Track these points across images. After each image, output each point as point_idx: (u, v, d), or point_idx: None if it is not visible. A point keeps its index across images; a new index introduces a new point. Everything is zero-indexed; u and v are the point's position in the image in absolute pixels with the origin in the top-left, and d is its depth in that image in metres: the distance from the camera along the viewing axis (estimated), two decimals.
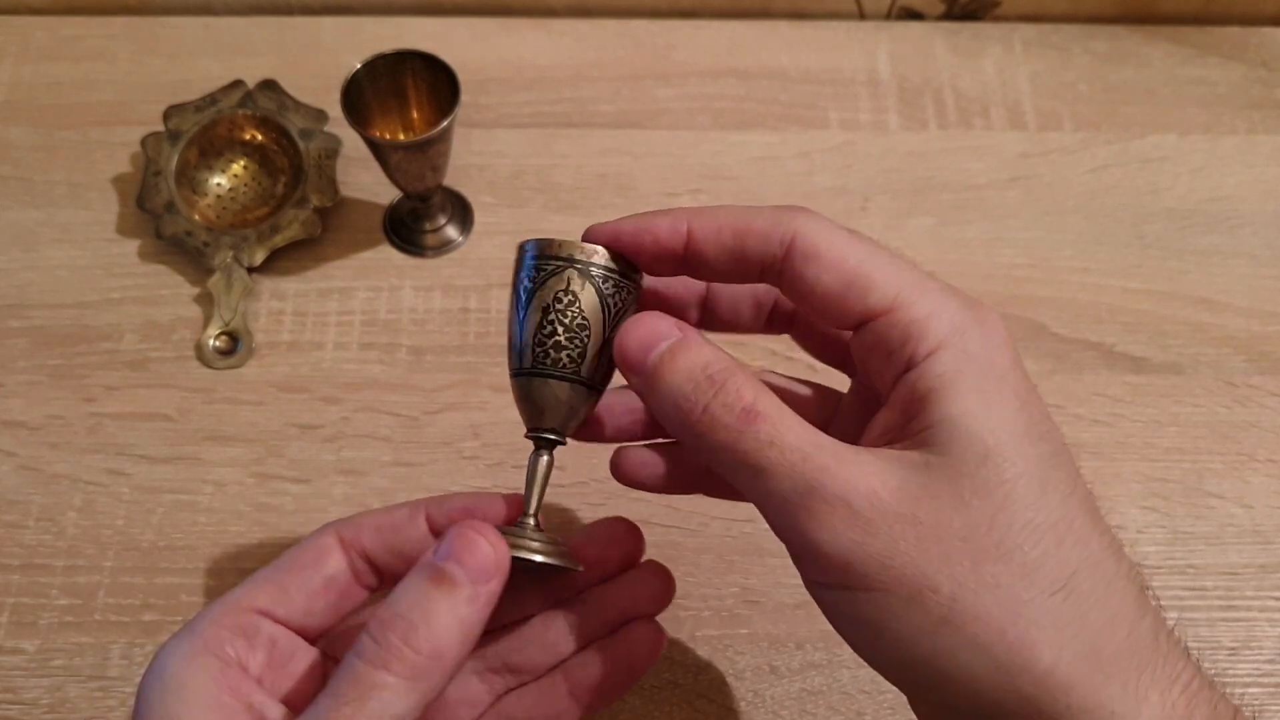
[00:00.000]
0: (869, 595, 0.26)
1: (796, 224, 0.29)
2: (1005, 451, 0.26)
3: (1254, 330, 0.54)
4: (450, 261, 0.55)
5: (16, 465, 0.49)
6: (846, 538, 0.26)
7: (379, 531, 0.34)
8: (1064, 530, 0.26)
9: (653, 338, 0.29)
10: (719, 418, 0.27)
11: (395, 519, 0.34)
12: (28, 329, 0.52)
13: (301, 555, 0.34)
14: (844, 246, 0.29)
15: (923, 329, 0.28)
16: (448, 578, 0.28)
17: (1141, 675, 0.25)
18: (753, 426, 0.27)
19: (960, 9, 0.65)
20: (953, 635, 0.25)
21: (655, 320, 0.30)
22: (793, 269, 0.29)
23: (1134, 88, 0.62)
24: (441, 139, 0.48)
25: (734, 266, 0.30)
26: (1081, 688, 0.25)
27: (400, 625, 0.27)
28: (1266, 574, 0.47)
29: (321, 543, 0.34)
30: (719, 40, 0.63)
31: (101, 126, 0.58)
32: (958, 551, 0.25)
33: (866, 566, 0.26)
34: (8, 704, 0.43)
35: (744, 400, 0.27)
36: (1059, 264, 0.56)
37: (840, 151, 0.59)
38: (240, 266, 0.52)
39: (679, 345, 0.29)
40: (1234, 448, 0.50)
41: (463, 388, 0.51)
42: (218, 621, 0.31)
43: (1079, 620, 0.25)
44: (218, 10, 0.64)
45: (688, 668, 0.44)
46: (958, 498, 0.26)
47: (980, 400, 0.27)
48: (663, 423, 0.29)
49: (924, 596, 0.25)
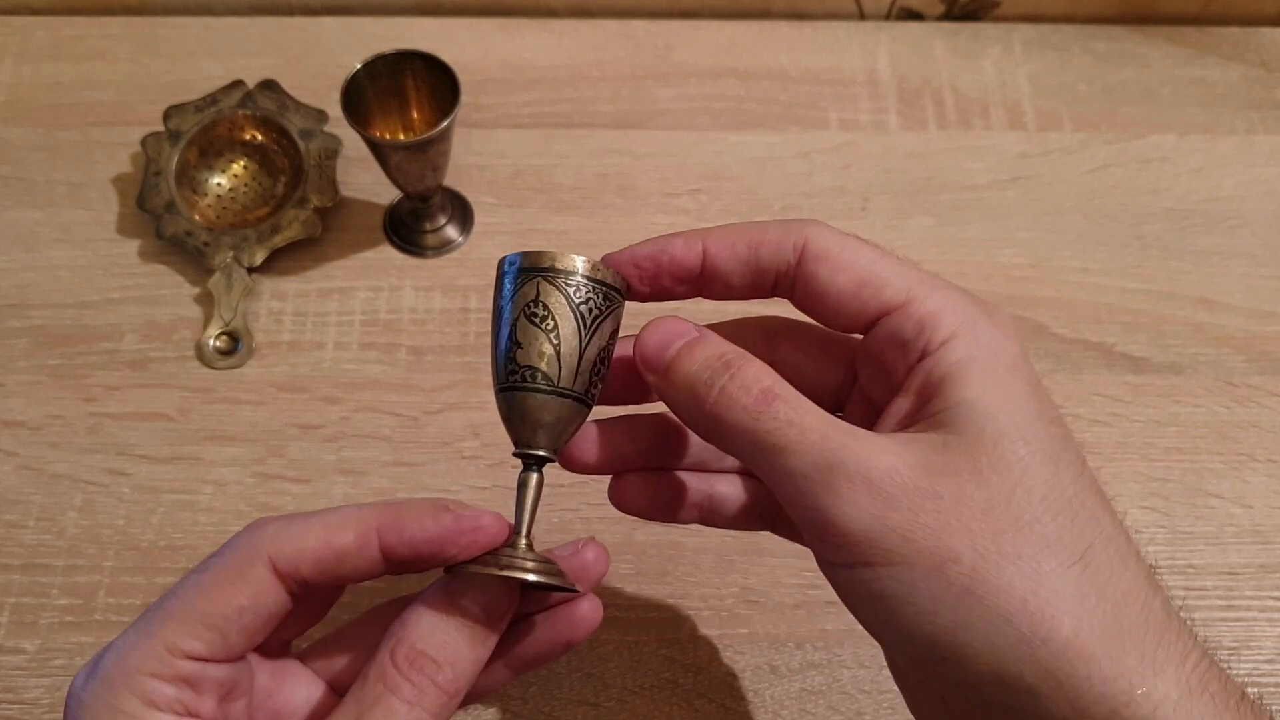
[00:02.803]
0: (890, 570, 0.26)
1: (807, 231, 0.30)
2: (1020, 430, 0.27)
3: (1253, 330, 0.54)
4: (450, 261, 0.55)
5: (17, 465, 0.49)
6: (869, 513, 0.26)
7: (320, 564, 0.29)
8: (1078, 506, 0.27)
9: (671, 336, 0.30)
10: (736, 398, 0.28)
11: (340, 546, 0.29)
12: (28, 329, 0.52)
13: (231, 589, 0.28)
14: (854, 250, 0.30)
15: (937, 319, 0.29)
16: (474, 620, 0.29)
17: (1157, 649, 0.26)
18: (771, 406, 0.27)
19: (960, 9, 0.65)
20: (975, 606, 0.25)
21: (674, 322, 0.30)
22: (806, 272, 0.30)
23: (1133, 88, 0.62)
24: (441, 139, 0.48)
25: (750, 279, 0.31)
26: (1101, 659, 0.25)
27: (429, 666, 0.28)
28: (1266, 574, 0.47)
29: (254, 574, 0.29)
30: (719, 40, 0.63)
31: (102, 126, 0.58)
32: (978, 524, 0.26)
33: (889, 540, 0.26)
34: (8, 704, 0.43)
35: (761, 382, 0.28)
36: (1059, 264, 0.56)
37: (840, 151, 0.59)
38: (240, 266, 0.52)
39: (696, 340, 0.30)
40: (1234, 448, 0.50)
41: (463, 388, 0.51)
42: (145, 673, 0.27)
43: (1097, 592, 0.26)
44: (218, 10, 0.64)
45: (688, 668, 0.45)
46: (976, 473, 0.26)
47: (995, 384, 0.28)
48: (680, 415, 0.30)
49: (946, 568, 0.25)
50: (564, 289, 0.29)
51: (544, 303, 0.29)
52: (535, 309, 0.29)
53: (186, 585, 0.29)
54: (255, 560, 0.29)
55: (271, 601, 0.29)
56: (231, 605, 0.28)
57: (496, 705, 0.44)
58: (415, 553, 0.29)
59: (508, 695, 0.44)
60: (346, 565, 0.29)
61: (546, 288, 0.29)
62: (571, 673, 0.44)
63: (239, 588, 0.28)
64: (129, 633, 0.28)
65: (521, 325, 0.30)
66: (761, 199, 0.57)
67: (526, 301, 0.30)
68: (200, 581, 0.28)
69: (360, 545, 0.29)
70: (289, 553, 0.29)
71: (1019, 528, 0.26)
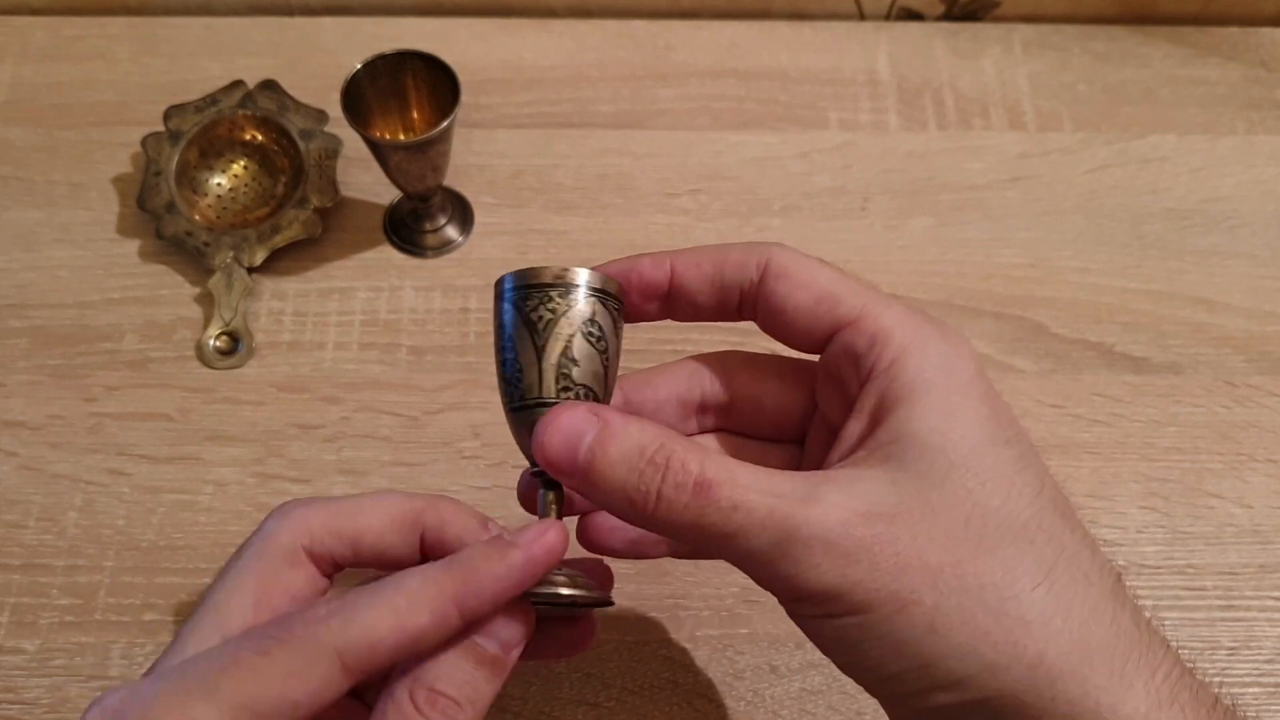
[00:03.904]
0: (855, 619, 0.26)
1: (770, 251, 0.31)
2: (969, 461, 0.27)
3: (1253, 330, 0.54)
4: (450, 261, 0.55)
5: (17, 465, 0.49)
6: (830, 572, 0.26)
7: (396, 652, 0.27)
8: (1035, 528, 0.27)
9: (573, 435, 0.27)
10: (675, 500, 0.27)
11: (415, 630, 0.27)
12: (28, 329, 0.52)
13: (293, 681, 0.26)
14: (814, 269, 0.31)
15: (889, 334, 0.29)
16: (498, 664, 0.29)
17: (1126, 664, 0.26)
18: (711, 497, 0.26)
19: (960, 9, 0.65)
20: (940, 642, 0.26)
21: (568, 416, 0.28)
22: (767, 289, 0.31)
23: (1133, 88, 0.62)
24: (441, 139, 0.48)
25: (715, 296, 0.32)
26: (1068, 678, 0.25)
27: (450, 707, 0.28)
28: (1265, 574, 0.47)
29: (320, 672, 0.26)
30: (719, 40, 0.63)
31: (102, 126, 0.58)
32: (936, 560, 0.26)
33: (852, 594, 0.26)
34: (8, 704, 0.43)
35: (692, 473, 0.27)
36: (1059, 264, 0.56)
37: (840, 151, 0.59)
38: (240, 266, 0.52)
39: (605, 434, 0.27)
40: (1233, 448, 0.50)
41: (463, 388, 0.51)
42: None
43: (1062, 613, 0.26)
44: (218, 10, 0.64)
45: (688, 668, 0.45)
46: (929, 510, 0.26)
47: (944, 411, 0.28)
48: (615, 515, 0.28)
49: (908, 610, 0.26)
50: (555, 303, 0.30)
51: (540, 319, 0.29)
52: (532, 327, 0.30)
53: (239, 661, 0.26)
54: (321, 657, 0.26)
55: (329, 694, 0.26)
56: (287, 700, 0.26)
57: (496, 705, 0.44)
58: (499, 603, 0.28)
59: (508, 695, 0.44)
60: (426, 644, 0.27)
61: (539, 305, 0.30)
62: (571, 673, 0.44)
63: (298, 681, 0.26)
64: (159, 686, 0.26)
65: (521, 345, 0.30)
66: (761, 199, 0.57)
67: (522, 320, 0.30)
68: (256, 666, 0.26)
69: (438, 623, 0.27)
70: (362, 645, 0.26)
71: (977, 557, 0.26)
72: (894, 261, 0.55)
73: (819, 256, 0.31)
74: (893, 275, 0.55)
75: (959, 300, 0.54)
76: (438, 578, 0.27)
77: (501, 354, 0.30)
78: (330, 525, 0.31)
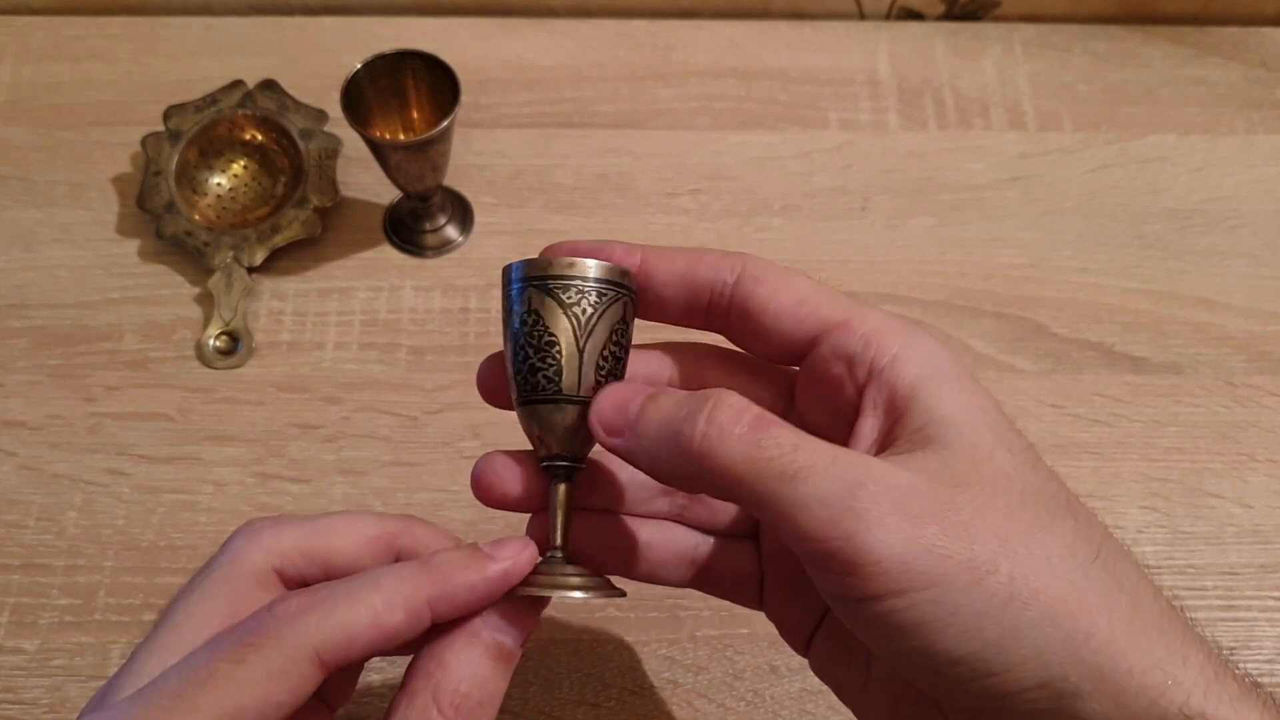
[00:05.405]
0: (927, 593, 0.24)
1: (745, 258, 0.31)
2: (1004, 440, 0.27)
3: (1253, 330, 0.54)
4: (450, 261, 0.55)
5: (17, 465, 0.49)
6: (900, 534, 0.24)
7: (370, 647, 0.27)
8: (1075, 506, 0.27)
9: (627, 396, 0.28)
10: (729, 428, 0.25)
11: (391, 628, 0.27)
12: (28, 329, 0.52)
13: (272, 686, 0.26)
14: (791, 275, 0.30)
15: (880, 337, 0.29)
16: (512, 659, 0.29)
17: (1177, 638, 0.26)
18: (770, 432, 0.25)
19: (960, 9, 0.65)
20: (1019, 613, 0.24)
21: (625, 386, 0.29)
22: (744, 291, 0.30)
23: (1134, 88, 0.62)
24: (441, 139, 0.48)
25: (685, 294, 0.31)
26: (1135, 652, 0.25)
27: (475, 709, 0.28)
28: (1266, 574, 0.47)
29: (299, 670, 0.26)
30: (719, 40, 0.63)
31: (101, 126, 0.58)
32: (1003, 531, 0.25)
33: (924, 561, 0.24)
34: (8, 704, 0.43)
35: (751, 409, 0.26)
36: (1058, 264, 0.56)
37: (840, 151, 0.59)
38: (240, 266, 0.52)
39: (656, 393, 0.28)
40: (1234, 448, 0.50)
41: (463, 388, 0.51)
42: None
43: (1118, 587, 0.26)
44: (218, 10, 0.64)
45: (688, 668, 0.45)
46: (984, 482, 0.26)
47: (965, 397, 0.28)
48: (657, 471, 0.28)
49: (985, 580, 0.24)
50: (554, 294, 0.29)
51: (535, 310, 0.29)
52: (528, 319, 0.29)
53: (216, 673, 0.26)
54: (300, 657, 0.26)
55: (307, 691, 0.27)
56: (269, 702, 0.26)
57: None
58: (468, 611, 0.28)
59: (508, 695, 0.43)
60: (396, 642, 0.28)
61: (536, 296, 0.29)
62: (571, 673, 0.44)
63: (279, 684, 0.26)
64: (135, 711, 0.26)
65: (528, 335, 0.29)
66: (761, 199, 0.57)
67: (520, 313, 0.30)
68: (235, 675, 0.26)
69: (412, 622, 0.27)
70: (338, 642, 0.27)
71: (1038, 530, 0.26)
72: (894, 261, 0.55)
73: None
74: (893, 275, 0.55)
75: (959, 300, 0.54)
76: (414, 579, 0.28)
77: (507, 347, 0.30)
78: (302, 546, 0.30)
